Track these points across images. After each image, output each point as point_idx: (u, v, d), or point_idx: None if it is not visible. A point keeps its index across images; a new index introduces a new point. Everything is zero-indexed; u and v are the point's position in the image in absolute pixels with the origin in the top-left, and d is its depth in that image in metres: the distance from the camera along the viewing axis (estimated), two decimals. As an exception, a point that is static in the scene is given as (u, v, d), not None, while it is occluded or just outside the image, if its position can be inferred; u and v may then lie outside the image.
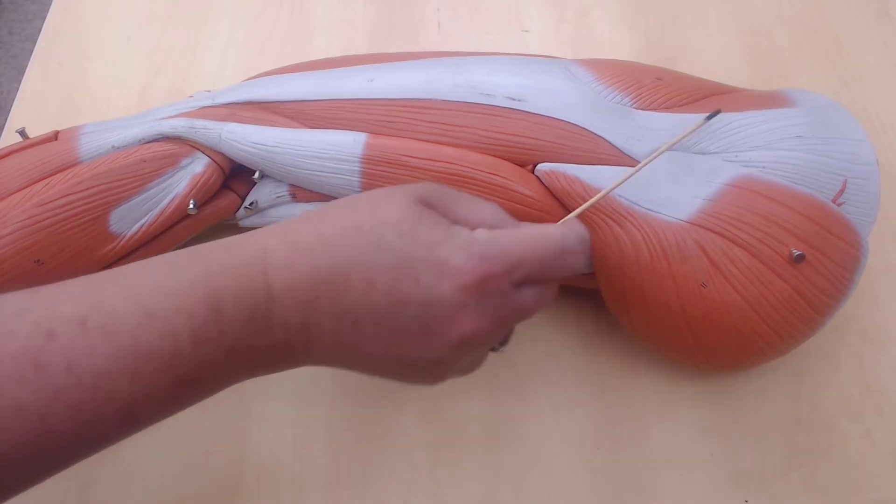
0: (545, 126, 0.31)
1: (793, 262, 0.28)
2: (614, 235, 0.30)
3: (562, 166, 0.31)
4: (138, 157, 0.33)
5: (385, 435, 0.33)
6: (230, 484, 0.32)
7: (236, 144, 0.33)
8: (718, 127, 0.31)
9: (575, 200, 0.30)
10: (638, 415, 0.33)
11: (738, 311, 0.28)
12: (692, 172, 0.30)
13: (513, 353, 0.35)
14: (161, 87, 0.45)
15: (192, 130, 0.34)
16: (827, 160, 0.30)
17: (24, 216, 0.31)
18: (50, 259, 0.32)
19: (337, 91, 0.34)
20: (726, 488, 0.31)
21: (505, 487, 0.32)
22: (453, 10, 0.47)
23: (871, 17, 0.45)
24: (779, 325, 0.29)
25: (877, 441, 0.32)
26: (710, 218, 0.29)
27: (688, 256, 0.29)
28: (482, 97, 0.32)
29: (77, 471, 0.33)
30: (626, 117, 0.31)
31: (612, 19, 0.46)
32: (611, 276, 0.31)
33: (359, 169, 0.32)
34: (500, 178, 0.31)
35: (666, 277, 0.29)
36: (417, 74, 0.33)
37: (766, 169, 0.30)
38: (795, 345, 0.31)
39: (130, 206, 0.33)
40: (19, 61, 1.23)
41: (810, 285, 0.28)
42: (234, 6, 0.48)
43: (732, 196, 0.29)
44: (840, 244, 0.29)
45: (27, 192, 0.32)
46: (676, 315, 0.29)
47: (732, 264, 0.28)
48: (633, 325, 0.32)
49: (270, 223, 0.36)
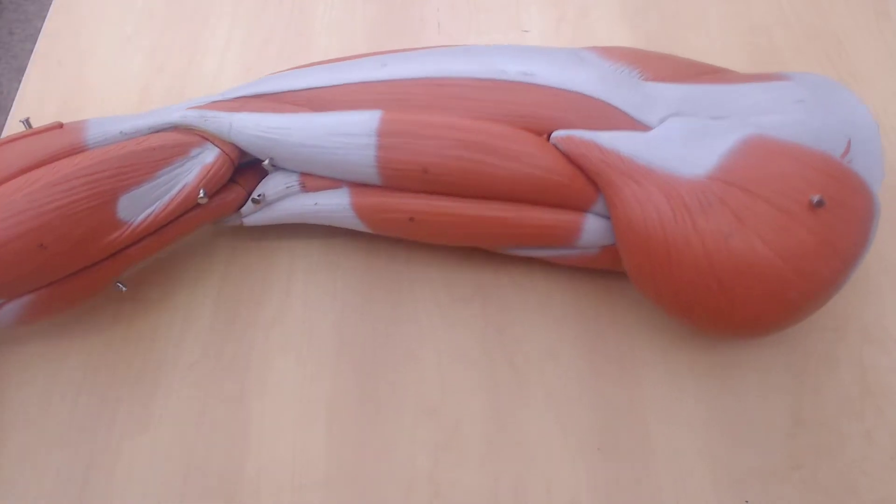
0: (558, 97, 0.32)
1: (813, 209, 0.28)
2: (635, 195, 0.30)
3: (577, 132, 0.31)
4: (148, 145, 0.33)
5: (385, 435, 0.33)
6: (230, 484, 0.32)
7: (247, 131, 0.33)
8: (724, 96, 0.32)
9: (593, 164, 0.31)
10: (638, 415, 0.33)
11: (766, 261, 0.28)
12: (704, 134, 0.31)
13: (513, 353, 0.35)
14: (161, 87, 0.45)
15: (202, 120, 0.34)
16: (830, 122, 0.31)
17: (30, 198, 0.30)
18: (54, 243, 0.31)
19: (349, 77, 0.34)
20: (726, 488, 0.31)
21: (505, 487, 0.32)
22: (453, 10, 0.47)
23: (871, 17, 0.45)
24: (806, 273, 0.28)
25: (877, 441, 0.32)
26: (728, 173, 0.29)
27: (710, 210, 0.29)
28: (496, 73, 0.33)
29: (77, 471, 0.33)
30: (636, 88, 0.32)
31: (612, 19, 0.46)
32: (634, 240, 0.30)
33: (375, 142, 0.32)
34: (519, 146, 0.31)
35: (690, 232, 0.29)
36: (430, 57, 0.34)
37: (775, 130, 0.30)
38: (824, 296, 0.30)
39: (139, 193, 0.32)
40: (19, 61, 1.23)
41: (833, 232, 0.28)
42: (234, 6, 0.48)
43: (747, 153, 0.30)
44: (855, 196, 0.29)
45: (31, 176, 0.31)
46: (704, 271, 0.29)
47: (755, 216, 0.28)
48: (659, 292, 0.31)
49: (276, 218, 0.36)
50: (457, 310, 0.36)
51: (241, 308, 0.37)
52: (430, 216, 0.33)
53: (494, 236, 0.34)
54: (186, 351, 0.36)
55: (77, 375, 0.35)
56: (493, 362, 0.35)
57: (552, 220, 0.32)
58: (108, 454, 0.33)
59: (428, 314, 0.36)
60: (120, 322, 0.37)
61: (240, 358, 0.35)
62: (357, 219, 0.35)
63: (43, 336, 0.36)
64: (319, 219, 0.35)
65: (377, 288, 0.37)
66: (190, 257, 0.39)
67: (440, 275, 0.37)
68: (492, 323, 0.36)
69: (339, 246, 0.38)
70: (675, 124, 0.31)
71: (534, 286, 0.37)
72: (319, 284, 0.37)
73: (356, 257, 0.38)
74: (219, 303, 0.37)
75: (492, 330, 0.36)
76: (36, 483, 0.33)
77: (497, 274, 0.37)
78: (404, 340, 0.35)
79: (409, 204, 0.33)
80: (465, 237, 0.34)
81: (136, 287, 0.38)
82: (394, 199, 0.33)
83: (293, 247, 0.38)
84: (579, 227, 0.32)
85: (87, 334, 0.36)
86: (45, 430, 0.34)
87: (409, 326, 0.36)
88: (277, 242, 0.39)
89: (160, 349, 0.36)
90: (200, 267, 0.38)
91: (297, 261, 0.38)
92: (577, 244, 0.33)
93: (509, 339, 0.35)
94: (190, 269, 0.38)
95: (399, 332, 0.36)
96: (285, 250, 0.38)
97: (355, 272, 0.38)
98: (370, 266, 0.38)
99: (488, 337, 0.35)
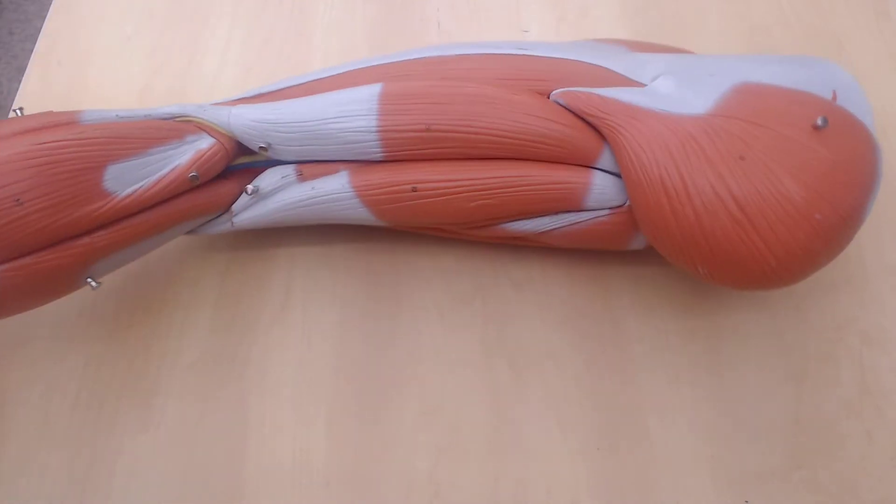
0: (554, 63, 0.33)
1: (819, 131, 0.28)
2: (640, 132, 0.30)
3: (575, 88, 0.32)
4: (144, 124, 0.32)
5: (385, 435, 0.33)
6: (230, 484, 0.32)
7: (246, 115, 0.33)
8: (709, 61, 0.33)
9: (595, 110, 0.31)
10: (638, 415, 0.33)
11: (784, 184, 0.27)
12: (697, 84, 0.31)
13: (513, 353, 0.35)
14: (161, 87, 0.45)
15: (200, 110, 0.33)
16: (812, 75, 0.32)
17: (14, 150, 0.29)
18: (32, 201, 0.29)
19: (348, 67, 0.34)
20: (726, 488, 0.31)
21: (505, 487, 0.32)
22: (453, 10, 0.47)
23: (871, 17, 0.45)
24: (826, 195, 0.28)
25: (877, 441, 0.32)
26: (727, 110, 0.29)
27: (717, 137, 0.28)
28: (492, 49, 0.34)
29: (77, 471, 0.33)
30: (625, 55, 0.34)
31: (612, 19, 0.46)
32: (646, 178, 0.29)
33: (376, 107, 0.32)
34: (520, 97, 0.32)
35: (702, 160, 0.28)
36: (427, 48, 0.35)
37: (762, 80, 0.31)
38: (848, 223, 0.29)
39: (129, 166, 0.31)
40: (19, 61, 1.23)
41: (842, 153, 0.28)
42: (234, 6, 0.48)
43: (742, 96, 0.30)
44: (854, 126, 0.29)
45: (21, 138, 0.30)
46: (724, 196, 0.28)
47: (762, 142, 0.28)
48: (676, 236, 0.29)
49: (269, 216, 0.35)
50: (456, 310, 0.36)
51: (241, 308, 0.37)
52: (433, 183, 0.32)
53: (501, 201, 0.33)
54: (186, 351, 0.36)
55: (77, 375, 0.35)
56: (493, 362, 0.35)
57: (558, 177, 0.32)
58: (108, 454, 0.33)
59: (428, 314, 0.36)
60: (120, 322, 0.37)
61: (240, 358, 0.35)
62: (357, 199, 0.33)
63: (43, 336, 0.36)
64: (316, 211, 0.34)
65: (377, 288, 0.37)
66: (190, 257, 0.39)
67: (440, 275, 0.37)
68: (492, 323, 0.36)
69: (338, 246, 0.38)
70: (668, 79, 0.32)
71: (533, 286, 0.37)
72: (319, 284, 0.37)
73: (356, 257, 0.38)
74: (219, 303, 0.37)
75: (492, 330, 0.36)
76: (36, 483, 0.33)
77: (497, 274, 0.37)
78: (404, 340, 0.35)
79: (411, 173, 0.33)
80: (471, 207, 0.33)
81: (136, 287, 0.38)
82: (395, 171, 0.33)
83: (293, 247, 0.38)
84: (587, 183, 0.32)
85: (87, 334, 0.36)
86: (45, 429, 0.34)
87: (409, 326, 0.36)
88: (277, 241, 0.39)
89: (160, 349, 0.36)
90: (200, 267, 0.38)
91: (296, 260, 0.38)
92: (586, 204, 0.32)
93: (509, 339, 0.35)
94: (190, 270, 0.38)
95: (399, 331, 0.36)
96: (285, 250, 0.38)
97: (355, 272, 0.37)
98: (370, 266, 0.38)
99: (488, 337, 0.35)
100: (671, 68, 0.33)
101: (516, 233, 0.34)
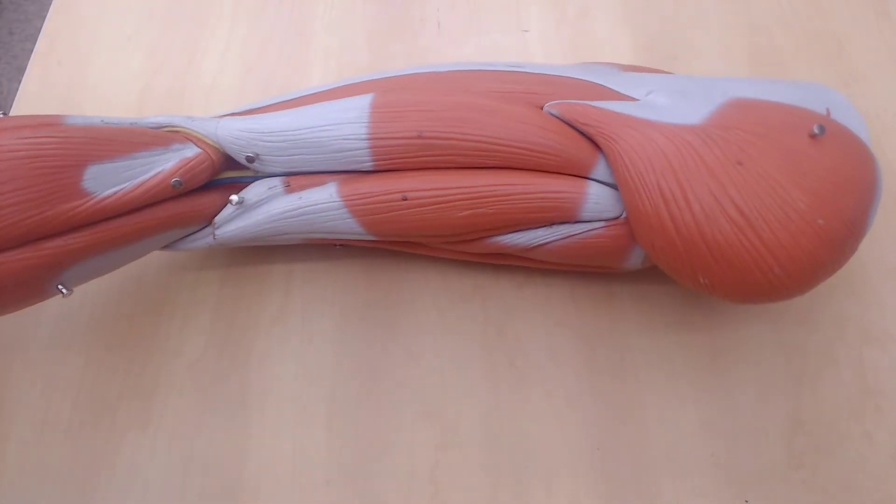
0: (548, 78, 0.34)
1: (816, 139, 0.28)
2: (635, 140, 0.30)
3: (569, 101, 0.32)
4: (129, 129, 0.32)
5: (385, 435, 0.33)
6: (230, 484, 0.32)
7: (234, 126, 0.32)
8: (701, 79, 0.34)
9: (589, 120, 0.31)
10: (638, 415, 0.33)
11: (785, 189, 0.27)
12: (691, 97, 0.32)
13: (513, 353, 0.35)
14: (161, 87, 0.45)
15: (188, 121, 0.33)
16: (805, 94, 0.32)
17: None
18: (6, 194, 0.28)
19: (341, 83, 0.34)
20: (726, 488, 0.31)
21: (505, 487, 0.32)
22: (453, 9, 0.47)
23: (871, 17, 0.45)
24: (826, 200, 0.27)
25: (877, 441, 0.32)
26: (724, 119, 0.30)
27: (713, 143, 0.28)
28: (485, 66, 0.35)
29: (77, 471, 0.33)
30: (618, 75, 0.34)
31: (613, 19, 0.46)
32: (641, 185, 0.29)
33: (367, 115, 0.31)
34: (513, 106, 0.31)
35: (700, 166, 0.28)
36: (422, 67, 0.35)
37: (756, 97, 0.32)
38: (853, 229, 0.28)
39: (110, 168, 0.30)
40: (19, 61, 1.23)
41: (840, 160, 0.28)
42: (234, 6, 0.48)
43: (737, 108, 0.30)
44: (850, 138, 0.29)
45: (1, 133, 0.29)
46: (723, 201, 0.27)
47: (759, 150, 0.28)
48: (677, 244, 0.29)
49: (253, 229, 0.34)
50: (457, 310, 0.36)
51: (241, 308, 0.37)
52: (424, 192, 0.31)
53: (494, 211, 0.32)
54: (186, 351, 0.36)
55: (77, 375, 0.35)
56: (493, 362, 0.35)
57: (553, 186, 0.31)
58: (108, 454, 0.33)
59: (427, 314, 0.36)
60: (120, 322, 0.37)
61: (240, 358, 0.35)
62: (344, 209, 0.32)
63: (43, 336, 0.36)
64: (303, 222, 0.33)
65: (377, 287, 0.37)
66: (190, 258, 0.39)
67: (440, 275, 0.37)
68: (492, 323, 0.36)
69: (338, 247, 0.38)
70: (662, 94, 0.32)
71: (533, 287, 0.37)
72: (319, 284, 0.37)
73: (356, 257, 0.38)
74: (219, 303, 0.37)
75: (492, 330, 0.36)
76: (36, 483, 0.33)
77: (497, 274, 0.37)
78: (404, 340, 0.35)
79: (402, 181, 0.32)
80: (463, 216, 0.32)
81: (136, 287, 0.38)
82: (385, 180, 0.32)
83: (293, 246, 0.38)
84: (582, 193, 0.31)
85: (87, 335, 0.36)
86: (45, 429, 0.34)
87: (408, 326, 0.36)
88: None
89: (160, 349, 0.36)
90: (200, 267, 0.38)
91: (296, 260, 0.38)
92: (581, 214, 0.31)
93: (509, 339, 0.35)
94: (190, 270, 0.38)
95: (399, 331, 0.36)
96: (284, 250, 0.38)
97: (355, 272, 0.38)
98: (370, 265, 0.38)
99: (488, 337, 0.35)
100: (664, 86, 0.33)
101: (508, 247, 0.33)
